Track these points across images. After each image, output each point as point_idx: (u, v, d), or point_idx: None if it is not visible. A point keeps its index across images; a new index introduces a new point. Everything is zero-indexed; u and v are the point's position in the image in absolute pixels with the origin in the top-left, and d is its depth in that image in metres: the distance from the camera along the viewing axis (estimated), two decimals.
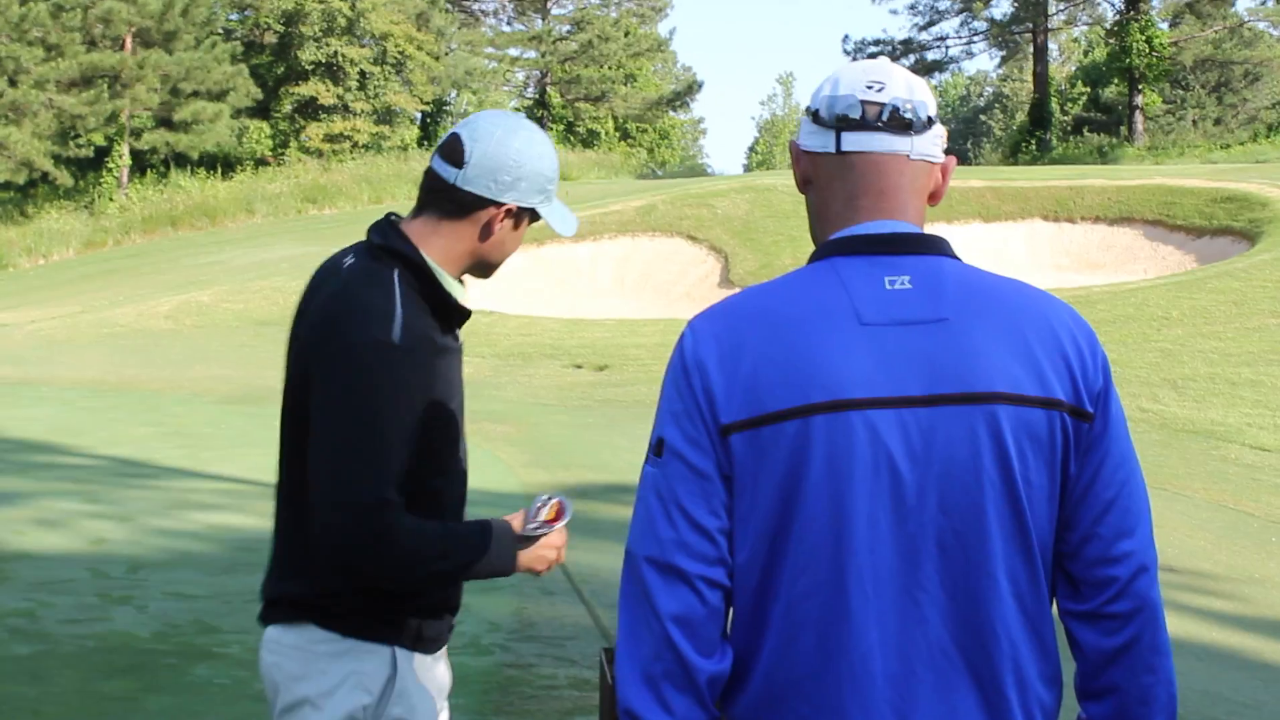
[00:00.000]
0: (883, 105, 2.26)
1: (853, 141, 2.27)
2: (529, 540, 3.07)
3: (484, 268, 3.08)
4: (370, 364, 2.80)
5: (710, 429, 2.17)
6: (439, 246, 2.99)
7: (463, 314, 3.07)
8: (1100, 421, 2.23)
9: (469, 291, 3.10)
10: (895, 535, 2.14)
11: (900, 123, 2.26)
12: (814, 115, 2.32)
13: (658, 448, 2.22)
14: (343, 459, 2.79)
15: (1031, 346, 2.19)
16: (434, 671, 3.08)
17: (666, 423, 2.22)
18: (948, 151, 2.36)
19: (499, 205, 2.98)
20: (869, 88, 2.27)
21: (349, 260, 2.99)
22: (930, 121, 2.29)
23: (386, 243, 2.97)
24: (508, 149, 2.97)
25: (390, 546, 2.77)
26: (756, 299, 2.25)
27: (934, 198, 2.35)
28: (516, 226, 3.05)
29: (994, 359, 2.16)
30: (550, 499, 3.15)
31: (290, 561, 2.98)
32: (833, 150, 2.29)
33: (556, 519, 3.13)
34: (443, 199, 2.99)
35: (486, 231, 3.01)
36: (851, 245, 2.25)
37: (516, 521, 3.09)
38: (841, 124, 2.27)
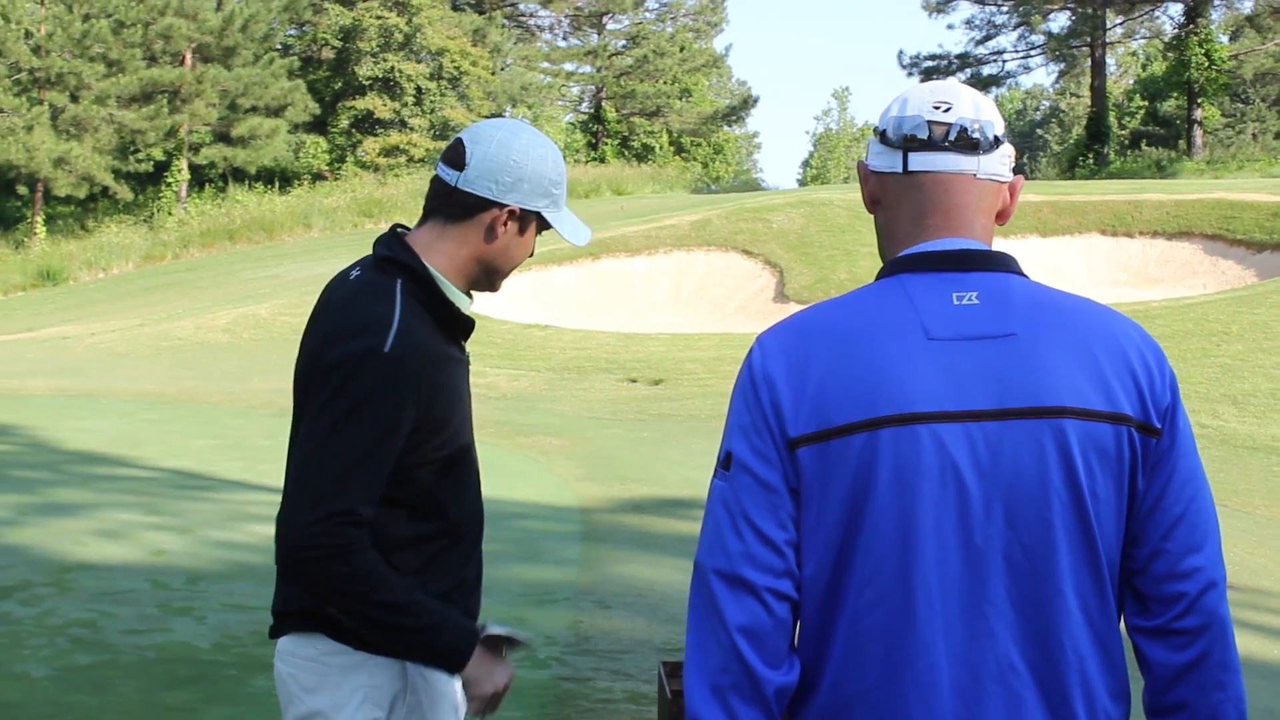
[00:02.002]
0: (949, 125, 2.28)
1: (920, 161, 2.29)
2: (497, 644, 3.02)
3: (490, 274, 3.07)
4: (357, 372, 2.81)
5: (778, 443, 2.19)
6: (444, 253, 3.00)
7: (467, 324, 3.07)
8: (1168, 437, 2.23)
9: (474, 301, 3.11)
10: (962, 548, 2.14)
11: (967, 142, 2.28)
12: (881, 136, 2.34)
13: (726, 461, 2.24)
14: (317, 465, 2.80)
15: (1099, 362, 2.19)
16: (450, 686, 3.07)
17: (735, 436, 2.24)
18: (1014, 170, 2.37)
19: (501, 206, 2.98)
20: (936, 108, 2.29)
21: (355, 273, 3.01)
22: (998, 141, 2.31)
23: (391, 254, 2.99)
24: (509, 150, 2.97)
25: (343, 562, 2.76)
26: (824, 314, 2.27)
27: (1002, 216, 2.37)
28: (522, 231, 3.03)
29: (1061, 374, 2.17)
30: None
31: None
32: (900, 170, 2.31)
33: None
34: (446, 203, 3.01)
35: (490, 234, 3.00)
36: (919, 262, 2.27)
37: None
38: (909, 144, 2.29)
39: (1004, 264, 2.28)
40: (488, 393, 18.51)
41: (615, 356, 21.82)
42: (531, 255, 3.13)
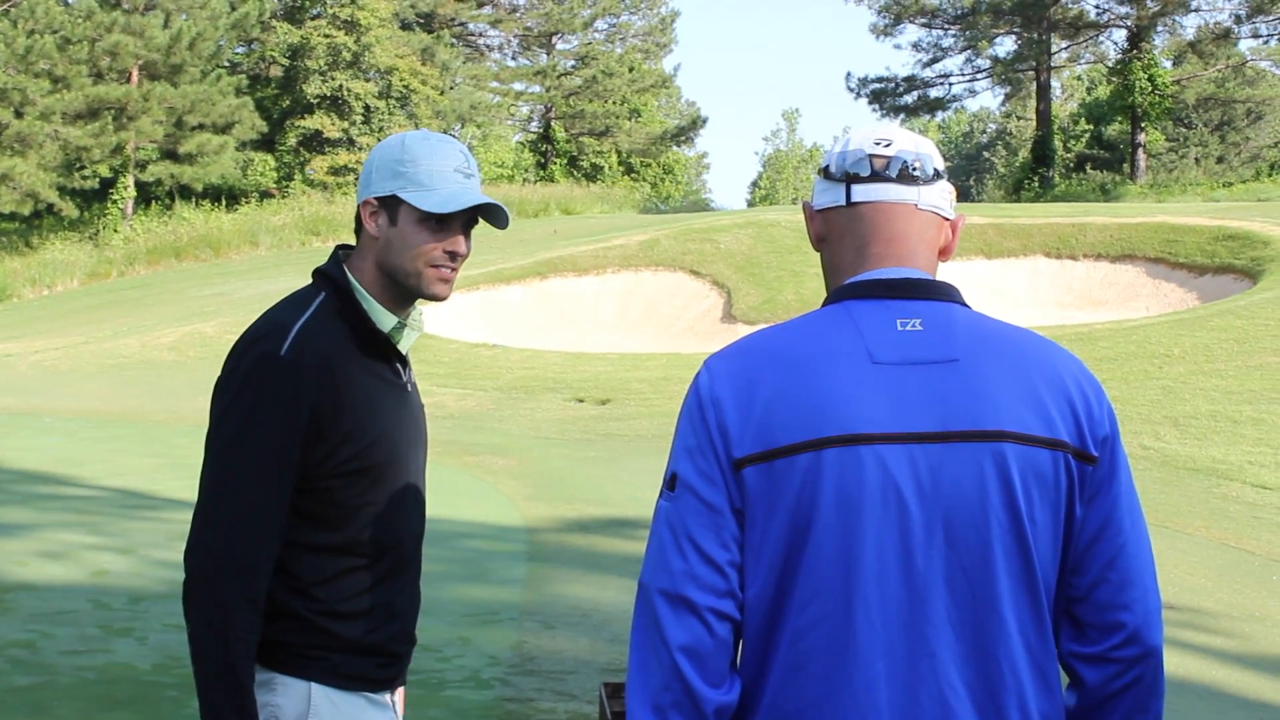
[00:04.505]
0: (889, 159, 2.36)
1: (862, 193, 2.36)
2: None
3: (401, 276, 2.99)
4: (249, 378, 2.84)
5: (723, 464, 2.22)
6: (361, 269, 3.03)
7: (383, 342, 3.02)
8: (1106, 467, 2.29)
9: (427, 314, 3.10)
10: (903, 569, 2.18)
11: (908, 176, 2.35)
12: (825, 172, 2.42)
13: (671, 482, 2.27)
14: (224, 486, 2.83)
15: (1038, 389, 2.25)
16: (364, 715, 2.98)
17: (680, 457, 2.27)
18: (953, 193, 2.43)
19: (364, 204, 3.02)
20: (877, 144, 2.37)
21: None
22: (937, 175, 2.39)
23: (323, 267, 3.05)
24: (371, 156, 3.05)
25: (211, 593, 2.80)
26: (771, 339, 2.32)
27: (944, 253, 2.44)
28: (395, 222, 2.98)
29: (1002, 399, 2.22)
30: None
31: None
32: (843, 203, 2.38)
33: None
34: (355, 224, 3.09)
35: (367, 234, 3.02)
36: (864, 289, 2.33)
37: None
38: (851, 178, 2.37)
39: (947, 294, 2.34)
40: (435, 412, 18.45)
41: (563, 376, 21.80)
42: (458, 254, 3.02)
